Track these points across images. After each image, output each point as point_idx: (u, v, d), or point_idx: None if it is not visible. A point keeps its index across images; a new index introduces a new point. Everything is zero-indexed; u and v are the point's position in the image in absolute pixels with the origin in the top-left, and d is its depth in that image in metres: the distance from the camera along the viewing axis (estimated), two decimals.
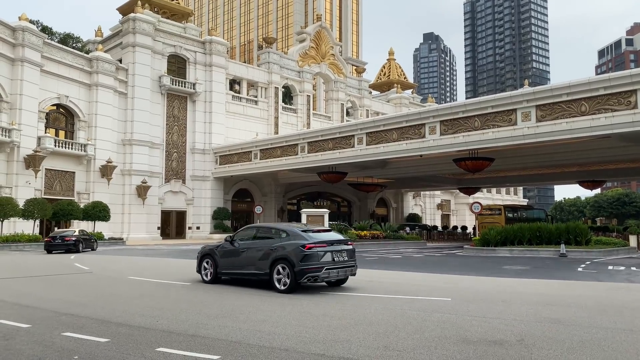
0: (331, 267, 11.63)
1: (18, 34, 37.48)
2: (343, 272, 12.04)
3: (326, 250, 11.62)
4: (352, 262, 12.31)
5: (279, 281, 11.82)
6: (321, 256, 11.53)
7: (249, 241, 12.95)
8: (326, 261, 11.60)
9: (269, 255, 12.04)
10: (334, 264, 11.72)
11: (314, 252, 11.44)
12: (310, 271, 11.38)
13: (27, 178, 37.22)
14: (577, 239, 26.93)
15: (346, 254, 12.08)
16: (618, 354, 6.41)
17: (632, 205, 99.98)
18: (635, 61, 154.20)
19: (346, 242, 12.42)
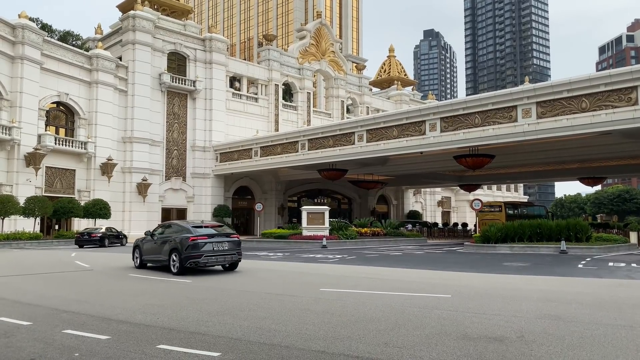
0: (210, 255, 15.05)
1: (18, 32, 37.44)
2: (222, 259, 15.50)
3: (206, 242, 15.00)
4: (234, 252, 15.71)
5: (173, 266, 15.17)
6: (202, 246, 14.87)
7: (161, 235, 16.38)
8: (206, 250, 14.96)
9: (169, 246, 15.42)
10: (213, 252, 15.11)
11: (196, 242, 14.83)
12: (193, 258, 14.74)
13: (27, 176, 37.23)
14: (578, 236, 26.94)
15: (227, 245, 15.55)
16: (618, 350, 6.41)
17: (632, 201, 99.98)
18: (636, 57, 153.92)
19: (229, 235, 15.99)
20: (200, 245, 14.85)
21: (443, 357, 6.06)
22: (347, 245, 31.68)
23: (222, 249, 15.36)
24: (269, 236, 35.05)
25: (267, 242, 33.21)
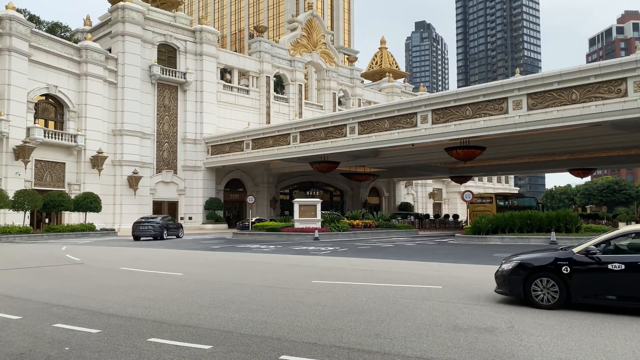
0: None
1: (5, 23, 36.93)
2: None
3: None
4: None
5: None
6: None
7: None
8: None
9: None
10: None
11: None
12: None
13: (16, 169, 36.89)
14: (568, 227, 27.13)
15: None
16: (606, 339, 6.49)
17: (621, 192, 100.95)
18: (625, 49, 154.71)
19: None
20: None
21: (434, 348, 6.09)
22: (339, 237, 31.73)
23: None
24: (261, 229, 35.01)
25: (259, 234, 33.18)
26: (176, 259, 18.83)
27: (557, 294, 8.38)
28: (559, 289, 8.37)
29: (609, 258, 8.13)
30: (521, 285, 8.77)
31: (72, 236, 34.42)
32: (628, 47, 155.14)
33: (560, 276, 8.38)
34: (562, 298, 8.36)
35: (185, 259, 18.80)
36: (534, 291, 8.59)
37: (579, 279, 8.27)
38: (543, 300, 8.49)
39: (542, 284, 8.54)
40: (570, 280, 8.31)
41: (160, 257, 19.70)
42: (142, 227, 31.35)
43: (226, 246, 25.92)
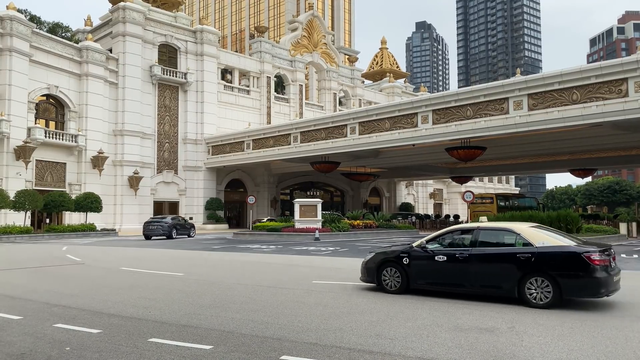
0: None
1: (6, 24, 36.95)
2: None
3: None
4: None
5: None
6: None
7: None
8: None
9: None
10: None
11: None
12: None
13: (17, 169, 36.90)
14: (568, 227, 27.08)
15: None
16: (607, 339, 6.49)
17: (622, 193, 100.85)
18: (626, 50, 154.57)
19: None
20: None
21: (434, 348, 6.09)
22: (339, 237, 31.72)
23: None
24: (261, 229, 35.00)
25: (260, 234, 33.17)
26: (177, 259, 18.83)
27: (400, 280, 10.08)
28: (401, 276, 10.07)
29: (437, 251, 9.78)
30: (375, 273, 10.47)
31: (73, 236, 34.43)
32: (629, 48, 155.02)
33: (402, 266, 10.10)
34: (403, 284, 10.03)
35: (186, 259, 18.81)
36: (384, 279, 10.30)
37: (415, 268, 9.98)
38: (390, 286, 10.19)
39: (389, 272, 10.25)
40: (409, 269, 10.02)
41: (160, 257, 19.70)
42: (151, 227, 32.53)
43: (227, 246, 25.92)
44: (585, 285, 8.44)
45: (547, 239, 9.12)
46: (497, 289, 9.13)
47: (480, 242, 9.53)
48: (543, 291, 8.66)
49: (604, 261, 8.49)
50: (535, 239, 9.07)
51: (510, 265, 8.97)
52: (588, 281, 8.40)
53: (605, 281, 8.39)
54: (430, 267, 9.79)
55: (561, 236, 9.55)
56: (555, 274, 8.59)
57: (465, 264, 9.37)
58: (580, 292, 8.57)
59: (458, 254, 9.49)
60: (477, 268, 9.28)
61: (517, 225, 9.73)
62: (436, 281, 9.77)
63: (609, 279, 8.44)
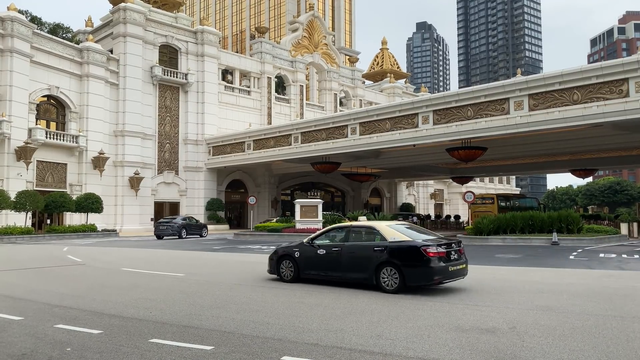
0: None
1: (7, 25, 36.98)
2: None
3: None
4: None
5: None
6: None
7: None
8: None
9: None
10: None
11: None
12: None
13: (18, 170, 36.92)
14: (569, 227, 27.10)
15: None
16: (609, 340, 6.47)
17: (623, 193, 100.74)
18: (627, 50, 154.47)
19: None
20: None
21: (435, 349, 6.09)
22: None
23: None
24: (262, 230, 34.98)
25: (261, 235, 33.17)
26: (177, 259, 18.83)
27: (293, 271, 11.92)
28: (294, 267, 11.91)
29: (319, 246, 11.61)
30: (275, 265, 12.34)
31: (74, 237, 34.46)
32: (629, 48, 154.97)
33: (294, 259, 11.94)
34: (295, 274, 11.89)
35: (187, 259, 18.81)
36: (281, 270, 12.13)
37: (303, 260, 11.79)
38: (286, 275, 12.08)
39: (285, 264, 12.10)
40: (299, 261, 11.85)
41: (161, 257, 19.70)
42: (162, 227, 34.23)
43: (227, 247, 25.92)
44: (422, 273, 9.98)
45: (398, 235, 10.63)
46: (361, 276, 10.73)
47: (351, 238, 11.40)
48: (392, 278, 10.23)
49: (439, 253, 10.03)
50: (388, 235, 10.67)
51: (369, 257, 10.60)
52: (424, 270, 9.95)
53: (439, 270, 9.95)
54: (314, 259, 11.60)
55: (418, 233, 11.20)
56: (400, 264, 10.15)
57: (338, 256, 11.16)
58: (419, 279, 10.07)
59: (334, 247, 11.35)
60: (347, 259, 11.01)
61: (377, 224, 11.38)
62: (318, 271, 11.53)
63: (443, 268, 10.01)
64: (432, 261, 9.91)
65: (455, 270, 10.39)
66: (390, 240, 10.50)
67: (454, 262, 10.39)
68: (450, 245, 10.53)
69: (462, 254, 10.92)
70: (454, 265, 10.32)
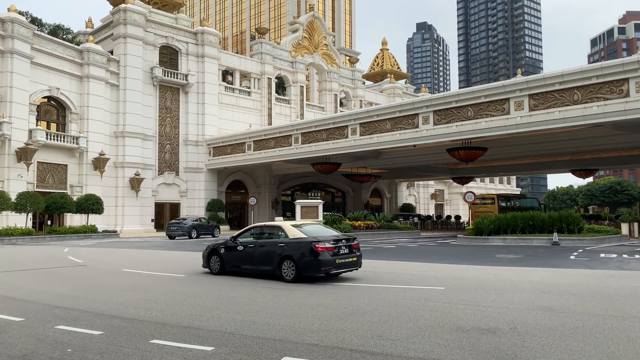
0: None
1: (7, 26, 37.01)
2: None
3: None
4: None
5: None
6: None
7: None
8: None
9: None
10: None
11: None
12: None
13: (18, 171, 36.94)
14: (570, 228, 27.11)
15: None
16: (609, 340, 6.47)
17: (624, 193, 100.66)
18: (627, 50, 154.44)
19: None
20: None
21: (436, 349, 6.08)
22: None
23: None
24: None
25: None
26: (178, 260, 18.83)
27: (219, 265, 13.74)
28: (220, 262, 13.73)
29: (239, 242, 13.43)
30: (206, 260, 14.18)
31: (74, 238, 34.47)
32: (630, 48, 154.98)
33: (220, 254, 13.77)
34: (221, 268, 13.64)
35: (187, 260, 18.80)
36: (211, 264, 13.96)
37: (227, 256, 13.63)
38: (214, 269, 13.81)
39: (213, 259, 13.92)
40: (224, 256, 13.66)
41: (162, 258, 19.71)
42: (172, 228, 35.34)
43: None
44: (313, 265, 11.71)
45: (298, 233, 12.39)
46: (269, 268, 12.52)
47: (264, 236, 13.20)
48: (290, 270, 12.02)
49: (327, 248, 11.80)
50: (290, 233, 12.47)
51: (274, 252, 12.44)
52: (314, 262, 11.67)
53: (327, 262, 11.69)
54: (235, 254, 13.46)
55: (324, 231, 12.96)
56: (296, 258, 11.92)
57: (252, 251, 13.01)
58: (309, 269, 11.81)
59: (249, 244, 13.17)
60: (258, 254, 12.84)
61: (284, 223, 13.16)
62: (238, 265, 13.37)
63: (331, 261, 11.75)
64: (320, 255, 11.67)
65: (344, 262, 12.11)
66: (291, 238, 12.33)
67: (343, 256, 12.11)
68: (339, 242, 12.20)
69: (355, 249, 12.59)
70: (342, 259, 12.05)
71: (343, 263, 12.08)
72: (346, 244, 12.33)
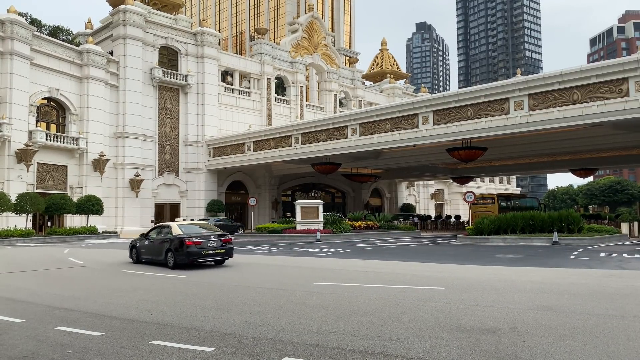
0: None
1: (7, 27, 37.01)
2: None
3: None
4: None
5: None
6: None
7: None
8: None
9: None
10: None
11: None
12: None
13: (18, 172, 36.92)
14: (570, 227, 27.12)
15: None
16: (610, 340, 6.47)
17: (623, 192, 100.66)
18: (627, 49, 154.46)
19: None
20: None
21: (436, 349, 6.09)
22: (341, 238, 31.74)
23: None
24: (262, 231, 35.01)
25: (261, 236, 33.19)
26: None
27: (136, 256, 17.93)
28: (136, 254, 17.96)
29: (147, 239, 17.50)
30: (129, 252, 18.47)
31: (75, 239, 34.48)
32: (629, 47, 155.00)
33: (136, 247, 18.02)
34: (138, 258, 17.90)
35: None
36: (131, 255, 18.29)
37: (140, 248, 17.82)
38: (134, 260, 18.01)
39: (133, 252, 18.20)
40: (138, 249, 17.89)
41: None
42: None
43: None
44: (183, 255, 15.63)
45: (178, 231, 16.23)
46: (161, 258, 16.44)
47: (161, 233, 17.02)
48: (171, 259, 15.92)
49: (194, 242, 15.62)
50: (174, 231, 16.35)
51: (164, 245, 16.37)
52: (184, 253, 15.60)
53: (193, 253, 15.58)
54: (144, 248, 17.59)
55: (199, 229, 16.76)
56: (174, 250, 15.85)
57: (152, 244, 17.05)
58: (181, 259, 15.70)
59: (152, 240, 17.19)
60: (156, 247, 16.80)
61: (172, 224, 17.22)
62: (145, 255, 17.52)
63: (197, 252, 15.61)
64: (189, 247, 15.55)
65: (210, 253, 15.94)
66: (173, 235, 16.16)
67: (210, 249, 15.90)
68: (208, 238, 16.07)
69: (226, 243, 16.37)
70: (208, 251, 15.86)
71: (209, 254, 15.90)
72: (216, 239, 16.16)
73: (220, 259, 16.54)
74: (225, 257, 16.50)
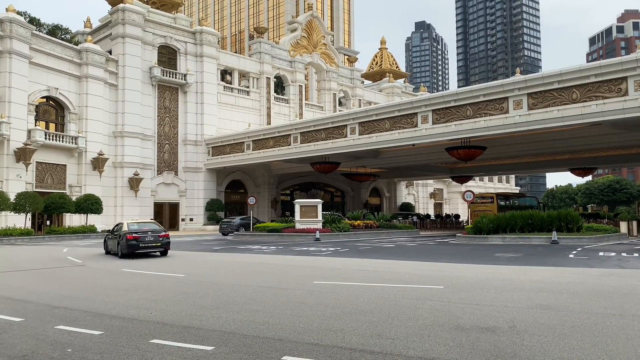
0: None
1: (5, 26, 36.97)
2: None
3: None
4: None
5: None
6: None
7: None
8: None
9: None
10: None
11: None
12: None
13: (17, 171, 36.91)
14: (569, 226, 27.12)
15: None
16: (608, 339, 6.49)
17: (623, 192, 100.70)
18: (626, 48, 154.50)
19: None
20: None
21: (436, 348, 6.10)
22: (340, 237, 31.74)
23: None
24: (262, 230, 34.99)
25: (260, 235, 33.18)
26: (178, 260, 18.82)
27: (105, 249, 21.61)
28: (106, 246, 21.57)
29: (112, 234, 21.05)
30: (104, 247, 21.91)
31: (74, 238, 34.45)
32: (628, 46, 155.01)
33: (107, 242, 21.49)
34: (107, 250, 21.29)
35: (187, 260, 18.81)
36: (104, 248, 21.76)
37: (108, 242, 21.37)
38: (105, 251, 21.45)
39: (105, 246, 21.77)
40: (107, 244, 21.36)
41: (162, 258, 19.70)
42: (224, 226, 40.07)
43: (227, 247, 25.92)
44: (125, 247, 18.98)
45: (126, 228, 19.57)
46: (116, 250, 19.83)
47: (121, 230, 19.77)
48: (120, 250, 19.25)
49: (134, 237, 18.98)
50: (124, 228, 19.67)
51: (117, 239, 19.69)
52: (126, 245, 18.97)
53: (133, 246, 19.00)
54: (109, 241, 21.01)
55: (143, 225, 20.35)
56: (120, 243, 19.29)
57: (114, 240, 20.26)
58: (123, 250, 19.06)
59: (115, 235, 20.37)
60: (114, 240, 20.21)
61: (124, 222, 21.20)
62: (111, 249, 20.78)
63: (136, 245, 19.03)
64: (129, 241, 18.94)
65: (147, 246, 19.38)
66: (123, 230, 19.50)
67: (147, 242, 19.34)
68: (146, 233, 19.41)
69: (163, 237, 19.81)
70: (145, 244, 19.28)
71: (147, 246, 19.34)
72: (153, 234, 19.55)
73: (157, 251, 19.96)
74: (161, 249, 19.85)
